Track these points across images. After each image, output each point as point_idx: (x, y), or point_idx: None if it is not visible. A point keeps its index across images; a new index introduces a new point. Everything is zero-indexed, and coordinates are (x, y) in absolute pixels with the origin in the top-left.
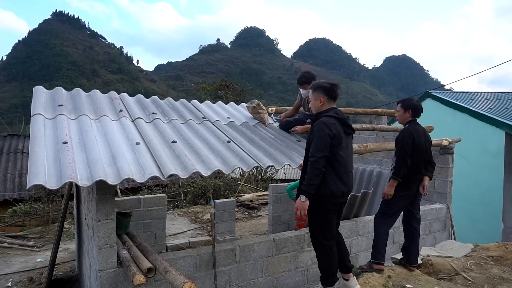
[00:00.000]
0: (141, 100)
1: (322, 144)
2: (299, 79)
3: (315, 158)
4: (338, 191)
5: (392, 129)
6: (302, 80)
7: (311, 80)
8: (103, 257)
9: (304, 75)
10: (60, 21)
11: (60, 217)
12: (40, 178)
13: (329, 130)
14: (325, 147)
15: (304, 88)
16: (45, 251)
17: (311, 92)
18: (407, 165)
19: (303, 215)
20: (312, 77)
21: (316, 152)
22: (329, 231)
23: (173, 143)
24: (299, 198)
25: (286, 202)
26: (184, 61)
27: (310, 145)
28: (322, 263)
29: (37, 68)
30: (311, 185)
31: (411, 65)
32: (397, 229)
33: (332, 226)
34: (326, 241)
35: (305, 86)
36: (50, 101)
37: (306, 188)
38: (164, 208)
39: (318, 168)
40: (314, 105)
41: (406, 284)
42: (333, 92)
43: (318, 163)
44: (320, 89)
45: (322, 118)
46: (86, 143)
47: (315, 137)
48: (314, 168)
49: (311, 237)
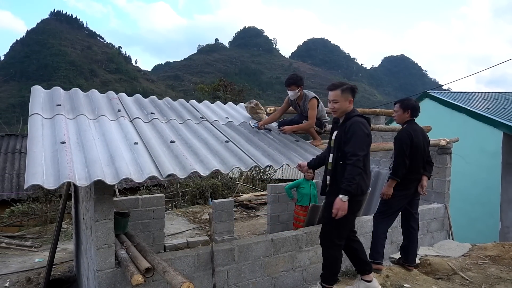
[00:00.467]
0: (139, 100)
1: (363, 143)
2: (287, 80)
3: (358, 157)
4: (366, 189)
5: (390, 129)
6: (290, 82)
7: (299, 82)
8: (101, 257)
9: (292, 76)
10: (58, 20)
11: (58, 217)
12: (38, 178)
13: (367, 130)
14: (366, 146)
15: (292, 90)
16: (43, 251)
17: (339, 92)
18: (405, 165)
19: (343, 215)
20: (300, 79)
21: (358, 151)
22: (345, 231)
23: (172, 143)
24: (339, 198)
25: (285, 202)
26: (182, 61)
27: (340, 145)
28: (329, 261)
29: (35, 67)
30: (354, 184)
31: (410, 65)
32: (396, 229)
33: (350, 225)
34: (339, 241)
35: (293, 87)
36: (48, 101)
37: (349, 188)
38: (162, 208)
39: (360, 166)
40: (343, 106)
41: (404, 284)
42: (355, 93)
43: (360, 161)
44: (348, 90)
45: (356, 117)
46: (84, 143)
47: (355, 136)
48: (356, 167)
49: (323, 235)
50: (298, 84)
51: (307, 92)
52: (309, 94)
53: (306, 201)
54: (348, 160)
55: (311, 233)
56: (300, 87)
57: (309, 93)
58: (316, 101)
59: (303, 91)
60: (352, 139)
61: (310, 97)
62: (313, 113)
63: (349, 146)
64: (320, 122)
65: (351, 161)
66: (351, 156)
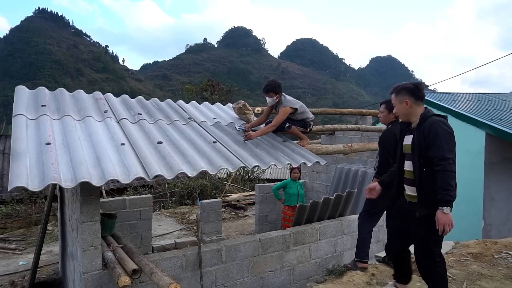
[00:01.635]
0: (126, 100)
1: (451, 144)
2: (265, 87)
3: (448, 160)
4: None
5: (377, 129)
6: (268, 89)
7: (277, 89)
8: (88, 259)
9: (270, 83)
10: (43, 18)
11: (43, 219)
12: (22, 179)
13: (449, 128)
14: (454, 147)
15: (270, 97)
16: (28, 254)
17: (394, 96)
18: (390, 165)
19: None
20: (278, 86)
21: (447, 154)
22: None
23: (159, 143)
24: (441, 211)
25: (273, 202)
26: (170, 61)
27: (421, 150)
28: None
29: (19, 66)
30: (452, 191)
31: (396, 66)
32: (381, 228)
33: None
34: (440, 258)
35: (271, 94)
36: (33, 101)
37: (448, 197)
38: (150, 209)
39: (453, 170)
40: (399, 109)
41: (390, 282)
42: (421, 92)
43: (452, 165)
44: (403, 91)
45: (433, 117)
46: (70, 144)
47: (439, 137)
48: (450, 171)
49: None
50: (276, 91)
51: (285, 99)
52: (285, 101)
53: (293, 201)
54: (437, 166)
55: (299, 233)
56: (278, 94)
57: (285, 100)
58: (288, 109)
59: (282, 97)
60: (436, 141)
61: (283, 104)
62: (279, 119)
63: (434, 150)
64: (304, 122)
65: (441, 166)
66: (439, 161)
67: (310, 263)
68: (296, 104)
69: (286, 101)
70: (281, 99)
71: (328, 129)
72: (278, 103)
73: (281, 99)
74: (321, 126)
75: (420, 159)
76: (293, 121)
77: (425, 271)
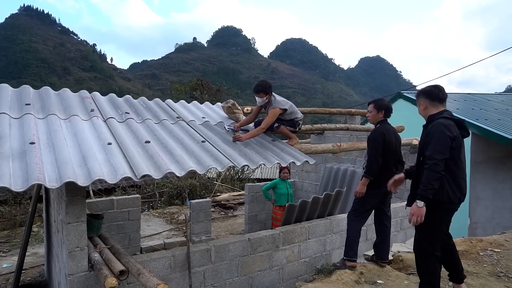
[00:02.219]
0: (114, 99)
1: (442, 146)
2: (256, 87)
3: (435, 160)
4: (455, 198)
5: (365, 129)
6: (258, 89)
7: (267, 90)
8: (73, 261)
9: (260, 83)
10: (28, 16)
11: (28, 220)
12: (5, 180)
13: (450, 132)
14: (445, 149)
15: (260, 97)
16: (12, 256)
17: (416, 99)
18: (378, 164)
19: (420, 221)
20: (269, 87)
21: (435, 155)
22: (437, 240)
23: (147, 143)
24: (415, 203)
25: (262, 201)
26: (160, 60)
27: (423, 149)
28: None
29: (3, 64)
30: (430, 189)
31: (385, 66)
32: (370, 227)
33: (441, 234)
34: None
35: (261, 95)
36: (16, 100)
37: (424, 193)
38: (138, 209)
39: (437, 171)
40: (419, 111)
41: (378, 280)
42: (435, 94)
43: (438, 166)
44: (421, 95)
45: (439, 119)
46: (55, 143)
47: (433, 138)
48: (433, 171)
49: (416, 245)
50: (267, 92)
51: (275, 99)
52: (274, 102)
53: (283, 201)
54: (426, 164)
55: (288, 232)
56: (268, 95)
57: (275, 101)
58: (278, 110)
59: (272, 97)
60: (431, 142)
61: (273, 105)
62: (268, 120)
63: (428, 149)
64: (293, 122)
65: (427, 165)
66: (427, 160)
67: (299, 262)
68: (286, 105)
69: (275, 102)
70: (271, 100)
71: (318, 128)
72: (268, 103)
73: (271, 100)
74: (310, 126)
75: (420, 156)
76: (282, 121)
77: (419, 263)
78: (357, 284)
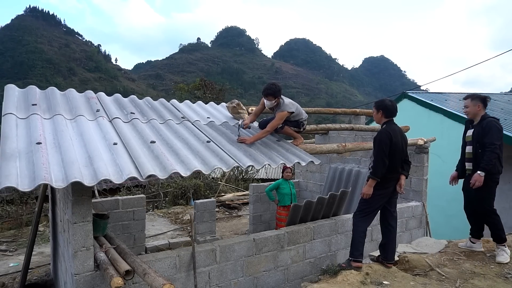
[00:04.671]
0: (119, 99)
1: (499, 135)
2: (265, 90)
3: (495, 145)
4: (501, 170)
5: (370, 129)
6: (268, 92)
7: (276, 93)
8: (79, 260)
9: (270, 87)
10: (34, 17)
11: (34, 220)
12: (12, 180)
13: (500, 126)
14: (500, 138)
15: (269, 100)
16: (18, 255)
17: (469, 100)
18: (385, 165)
19: (478, 185)
20: (278, 91)
21: (495, 141)
22: (493, 201)
23: (152, 143)
24: (478, 173)
25: (267, 201)
26: (164, 60)
27: (479, 138)
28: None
29: (9, 65)
30: (491, 165)
31: (389, 66)
32: (375, 227)
33: (494, 197)
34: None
35: (270, 98)
36: (23, 100)
37: (486, 166)
38: (143, 209)
39: (497, 152)
40: (473, 110)
41: (383, 281)
42: (487, 102)
43: (497, 148)
44: (478, 99)
45: (490, 118)
46: (61, 143)
47: (492, 130)
48: (494, 152)
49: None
50: (276, 95)
51: (283, 102)
52: (283, 105)
53: (287, 201)
54: (487, 148)
55: (293, 232)
56: (277, 98)
57: (283, 104)
58: (285, 114)
59: (280, 100)
60: (489, 133)
61: (281, 108)
62: (275, 123)
63: (487, 138)
64: (297, 122)
65: (490, 148)
66: (489, 145)
67: (304, 262)
68: (293, 108)
69: (284, 105)
70: (280, 103)
71: (322, 128)
72: (276, 106)
73: (279, 103)
74: (315, 126)
75: (477, 144)
76: (286, 121)
77: (484, 219)
78: (363, 285)
